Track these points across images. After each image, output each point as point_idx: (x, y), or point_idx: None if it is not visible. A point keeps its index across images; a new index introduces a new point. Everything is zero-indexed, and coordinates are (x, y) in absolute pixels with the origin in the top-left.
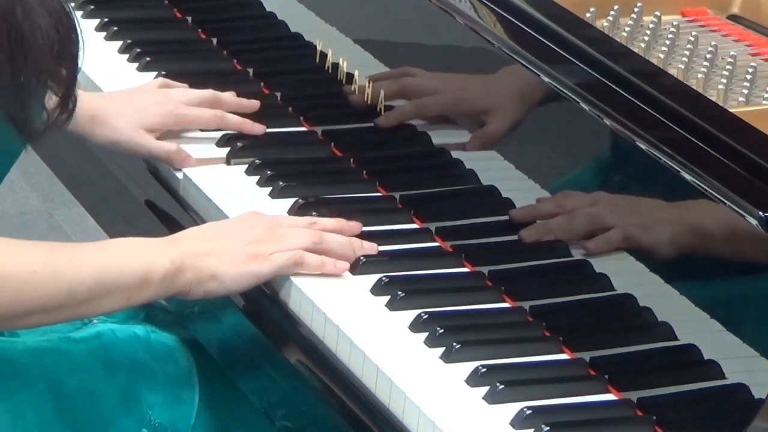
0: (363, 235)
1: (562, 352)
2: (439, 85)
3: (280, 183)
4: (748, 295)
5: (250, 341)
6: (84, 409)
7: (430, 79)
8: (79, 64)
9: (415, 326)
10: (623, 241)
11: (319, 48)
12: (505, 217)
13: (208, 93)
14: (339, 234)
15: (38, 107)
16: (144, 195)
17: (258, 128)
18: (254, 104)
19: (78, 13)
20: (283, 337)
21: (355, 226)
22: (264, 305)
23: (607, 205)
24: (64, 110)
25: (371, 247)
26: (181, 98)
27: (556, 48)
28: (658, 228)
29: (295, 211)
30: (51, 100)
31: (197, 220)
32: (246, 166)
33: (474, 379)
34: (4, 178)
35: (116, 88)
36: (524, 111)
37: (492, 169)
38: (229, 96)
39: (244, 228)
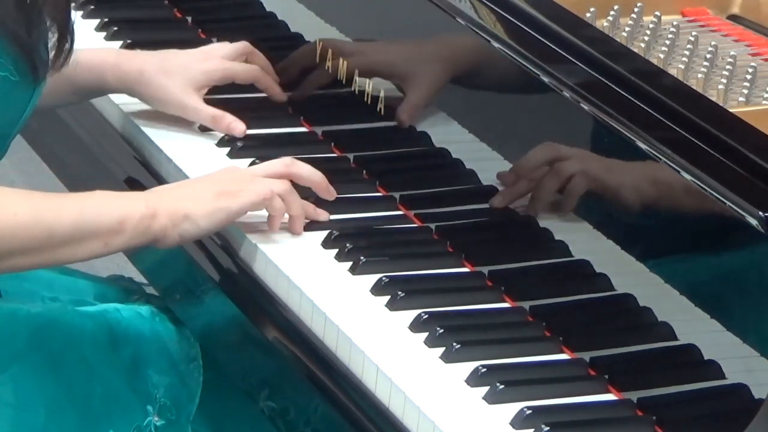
0: (363, 235)
1: (562, 352)
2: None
3: None
4: (748, 295)
5: (249, 340)
6: (87, 382)
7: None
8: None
9: (415, 326)
10: (588, 184)
11: (319, 48)
12: (506, 217)
13: (242, 45)
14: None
15: (43, 37)
16: None
17: (281, 97)
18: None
19: (78, 13)
20: (283, 337)
21: (332, 191)
22: (263, 305)
23: (568, 158)
24: (63, 45)
25: (322, 214)
26: (222, 52)
27: (556, 48)
28: (620, 173)
29: None
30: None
31: None
32: (246, 166)
33: (474, 379)
34: (6, 152)
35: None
36: (446, 79)
37: (492, 169)
38: (262, 58)
39: (214, 174)
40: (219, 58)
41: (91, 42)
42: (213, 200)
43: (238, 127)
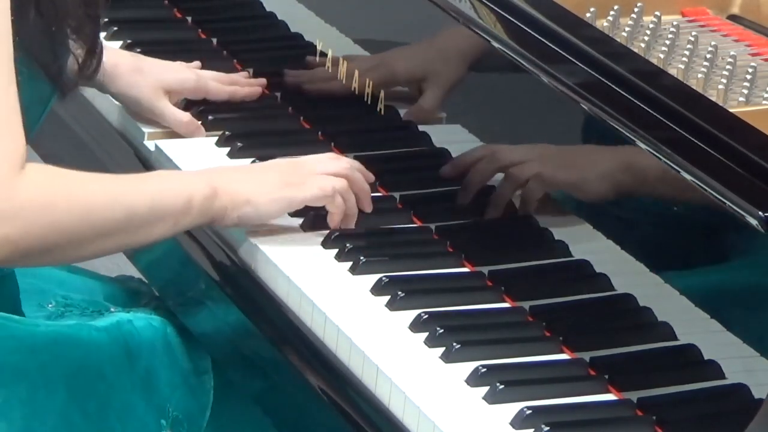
0: (363, 235)
1: (562, 352)
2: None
3: None
4: (748, 295)
5: (249, 340)
6: (103, 396)
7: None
8: (101, 14)
9: (415, 326)
10: (545, 186)
11: (319, 48)
12: (506, 217)
13: (226, 76)
14: (360, 183)
15: (68, 55)
16: None
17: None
18: (262, 82)
19: None
20: (283, 337)
21: (370, 175)
22: (263, 305)
23: (539, 151)
24: (92, 58)
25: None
26: (209, 74)
27: (556, 48)
28: (583, 167)
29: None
30: (78, 52)
31: None
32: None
33: (474, 379)
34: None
35: None
36: (461, 74)
37: None
38: (242, 76)
39: (277, 162)
40: (196, 71)
41: None
42: (277, 188)
43: (199, 131)
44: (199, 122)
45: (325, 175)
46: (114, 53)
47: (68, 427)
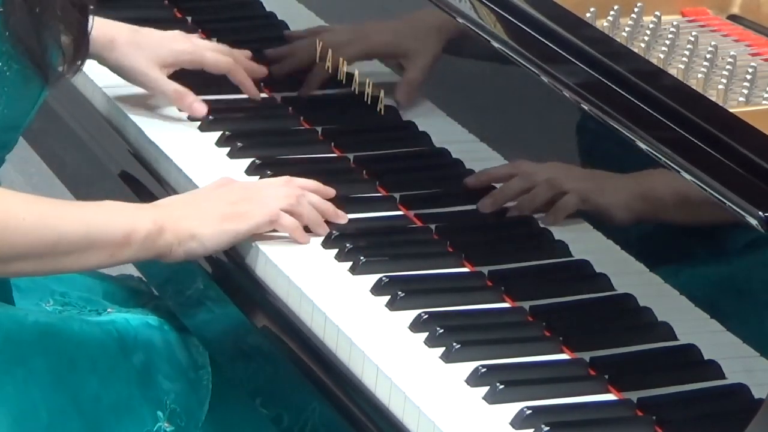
0: (363, 235)
1: (562, 352)
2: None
3: None
4: (748, 295)
5: (248, 340)
6: (96, 389)
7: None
8: (89, 3)
9: (415, 326)
10: (579, 204)
11: (318, 48)
12: (506, 217)
13: (226, 47)
14: (309, 212)
15: (55, 47)
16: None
17: (254, 94)
18: (263, 69)
19: None
20: (283, 337)
21: (330, 190)
22: (263, 305)
23: (562, 172)
24: (78, 50)
25: (342, 216)
26: (199, 42)
27: (556, 48)
28: (612, 192)
29: None
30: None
31: None
32: (246, 165)
33: (474, 379)
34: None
35: (117, 88)
36: (438, 50)
37: None
38: (242, 53)
39: (220, 191)
40: (194, 41)
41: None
42: (220, 222)
43: (199, 108)
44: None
45: (271, 194)
46: (111, 26)
47: (62, 420)
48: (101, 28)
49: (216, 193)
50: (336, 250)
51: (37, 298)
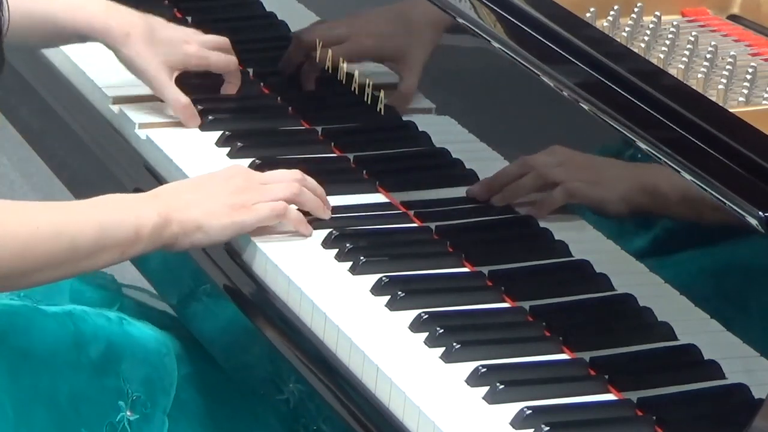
0: (363, 235)
1: (562, 352)
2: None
3: None
4: (748, 295)
5: (248, 340)
6: (52, 381)
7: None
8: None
9: (415, 326)
10: (568, 198)
11: (319, 48)
12: (506, 217)
13: (222, 39)
14: (312, 200)
15: None
16: None
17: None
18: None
19: None
20: (283, 337)
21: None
22: (263, 305)
23: (555, 164)
24: None
25: (328, 212)
26: (201, 39)
27: (556, 48)
28: (606, 185)
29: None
30: None
31: None
32: (246, 166)
33: (474, 379)
34: None
35: (117, 89)
36: (430, 50)
37: (492, 169)
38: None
39: (223, 179)
40: (198, 44)
41: (91, 43)
42: (226, 214)
43: (194, 122)
44: (195, 111)
45: (274, 186)
46: (128, 20)
47: (27, 413)
48: (117, 17)
49: (217, 181)
50: (336, 250)
51: None
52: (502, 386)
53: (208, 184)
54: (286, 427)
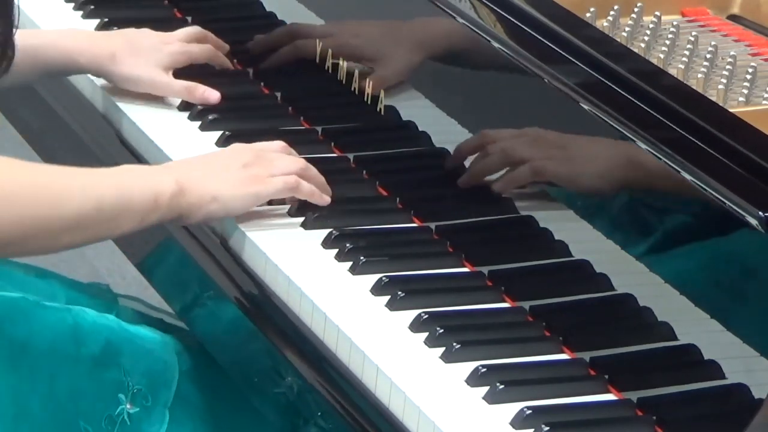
0: (363, 235)
1: (562, 352)
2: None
3: None
4: (748, 295)
5: (248, 339)
6: (51, 375)
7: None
8: (15, 9)
9: (415, 326)
10: (533, 176)
11: (318, 48)
12: (506, 217)
13: (196, 29)
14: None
15: None
16: None
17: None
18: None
19: (78, 13)
20: (282, 337)
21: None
22: (263, 305)
23: (521, 142)
24: (3, 55)
25: (327, 198)
26: (179, 36)
27: (556, 48)
28: (577, 161)
29: (295, 211)
30: None
31: None
32: None
33: (474, 379)
34: None
35: (116, 88)
36: (415, 64)
37: None
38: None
39: (233, 154)
40: (179, 41)
41: None
42: (242, 185)
43: (212, 95)
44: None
45: (284, 164)
46: (109, 42)
47: (26, 405)
48: (97, 43)
49: (227, 156)
50: (336, 250)
51: None
52: (502, 386)
53: (218, 159)
54: (286, 423)
